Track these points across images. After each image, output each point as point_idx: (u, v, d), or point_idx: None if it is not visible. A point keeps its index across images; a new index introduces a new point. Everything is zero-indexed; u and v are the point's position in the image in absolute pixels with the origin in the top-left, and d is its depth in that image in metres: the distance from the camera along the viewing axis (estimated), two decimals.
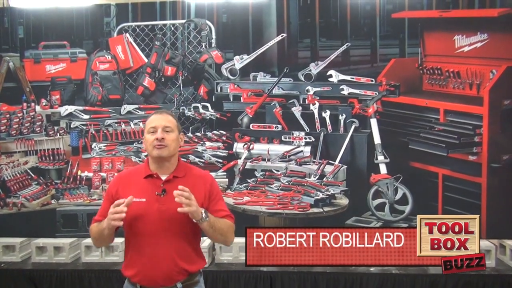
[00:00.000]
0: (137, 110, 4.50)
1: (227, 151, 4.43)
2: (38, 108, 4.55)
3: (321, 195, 4.12)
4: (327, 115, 4.30)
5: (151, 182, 2.28)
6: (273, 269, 3.88)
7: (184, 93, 4.53)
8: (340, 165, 4.24)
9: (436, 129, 4.18)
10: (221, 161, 4.43)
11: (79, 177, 4.51)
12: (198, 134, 4.47)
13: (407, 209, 4.14)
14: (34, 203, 4.44)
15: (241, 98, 4.44)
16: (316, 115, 4.31)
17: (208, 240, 3.98)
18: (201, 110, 4.45)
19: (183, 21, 4.47)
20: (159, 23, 4.50)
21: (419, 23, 4.26)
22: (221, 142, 4.45)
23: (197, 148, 4.42)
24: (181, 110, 4.46)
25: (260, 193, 4.26)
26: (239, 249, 4.03)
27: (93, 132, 4.49)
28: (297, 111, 4.35)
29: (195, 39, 4.48)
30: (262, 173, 4.37)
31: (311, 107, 4.31)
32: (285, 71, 4.34)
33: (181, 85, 4.52)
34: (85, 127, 4.49)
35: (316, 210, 4.10)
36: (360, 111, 4.25)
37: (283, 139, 4.38)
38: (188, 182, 2.23)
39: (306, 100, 4.34)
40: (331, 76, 4.30)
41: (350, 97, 4.28)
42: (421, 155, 4.19)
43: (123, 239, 2.35)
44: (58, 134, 4.54)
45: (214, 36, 4.46)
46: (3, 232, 4.36)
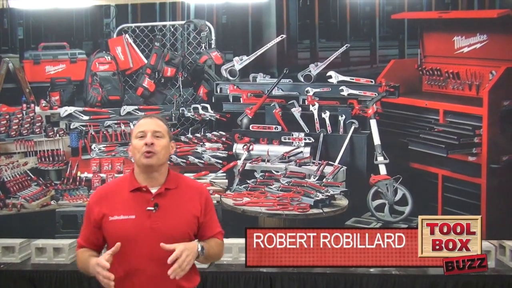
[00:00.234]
0: (137, 111, 4.49)
1: (226, 152, 4.43)
2: (37, 109, 4.54)
3: (320, 196, 4.12)
4: (326, 116, 4.30)
5: (140, 196, 2.02)
6: (272, 270, 3.88)
7: (183, 94, 4.53)
8: (340, 166, 4.24)
9: (436, 130, 4.18)
10: (220, 162, 4.43)
11: (78, 178, 4.50)
12: (198, 135, 4.47)
13: (407, 210, 4.14)
14: (33, 204, 4.43)
15: (241, 99, 4.44)
16: (316, 116, 4.31)
17: None
18: (201, 111, 4.45)
19: (183, 22, 4.48)
20: (159, 24, 4.50)
21: (418, 24, 4.27)
22: (221, 143, 4.44)
23: (197, 149, 4.42)
24: (180, 111, 4.47)
25: (260, 194, 4.26)
26: (238, 250, 4.02)
27: (92, 133, 4.49)
28: (296, 112, 4.35)
29: (194, 40, 4.49)
30: (261, 174, 4.37)
31: (311, 108, 4.31)
32: (284, 72, 4.34)
33: (181, 86, 4.52)
34: (84, 128, 4.49)
35: (315, 211, 4.10)
36: (359, 112, 4.25)
37: (282, 140, 4.37)
38: (182, 194, 2.07)
39: (306, 101, 4.34)
40: (330, 77, 4.30)
41: (349, 98, 4.28)
42: (420, 156, 4.20)
43: None
44: (58, 135, 4.54)
45: (213, 37, 4.46)
46: (2, 233, 4.34)
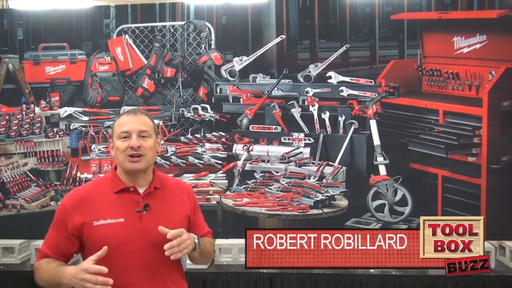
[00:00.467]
0: None
1: (226, 152, 4.42)
2: (37, 109, 4.54)
3: (320, 197, 4.12)
4: (326, 116, 4.30)
5: (127, 197, 1.85)
6: (272, 270, 3.87)
7: (183, 95, 4.52)
8: (340, 166, 4.24)
9: (436, 130, 4.18)
10: (220, 162, 4.43)
11: (78, 178, 4.49)
12: (198, 135, 4.46)
13: (407, 210, 4.14)
14: (33, 204, 4.43)
15: (241, 99, 4.44)
16: (316, 117, 4.31)
17: None
18: (201, 112, 4.45)
19: (183, 22, 4.48)
20: (159, 24, 4.50)
21: (418, 25, 4.27)
22: (221, 144, 4.44)
23: (197, 150, 4.42)
24: (180, 112, 4.46)
25: (260, 194, 4.26)
26: (238, 251, 4.02)
27: (92, 134, 4.48)
28: (296, 112, 4.35)
29: (194, 40, 4.49)
30: (261, 174, 4.36)
31: (311, 108, 4.31)
32: (284, 72, 4.34)
33: (181, 86, 4.52)
34: (84, 129, 4.49)
35: (315, 211, 4.10)
36: (359, 112, 4.25)
37: (282, 140, 4.37)
38: (170, 194, 1.92)
39: (306, 101, 4.34)
40: (330, 77, 4.30)
41: (349, 98, 4.28)
42: (420, 157, 4.20)
43: None
44: (58, 136, 4.54)
45: (213, 37, 4.46)
46: (2, 234, 4.33)
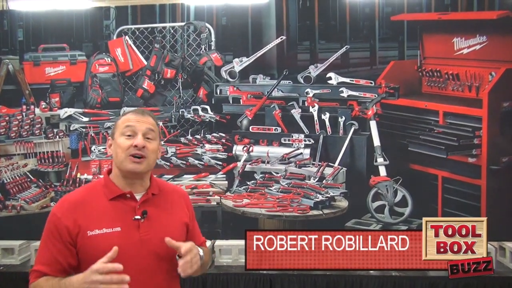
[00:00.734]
0: None
1: (226, 153, 4.42)
2: (37, 110, 4.54)
3: (320, 197, 4.11)
4: (326, 117, 4.30)
5: (123, 204, 1.74)
6: (272, 271, 3.87)
7: (183, 96, 4.52)
8: (340, 167, 4.23)
9: (436, 131, 4.18)
10: (220, 163, 4.42)
11: (78, 179, 4.49)
12: (198, 136, 4.46)
13: (407, 211, 4.14)
14: (33, 205, 4.42)
15: (241, 100, 4.44)
16: (316, 118, 4.31)
17: (209, 241, 3.97)
18: (201, 113, 4.45)
19: (183, 23, 4.48)
20: (159, 25, 4.50)
21: (418, 26, 4.26)
22: (221, 145, 4.44)
23: (197, 151, 4.42)
24: (180, 113, 4.46)
25: (260, 195, 4.26)
26: (238, 252, 4.02)
27: (92, 135, 4.48)
28: (296, 113, 4.35)
29: (194, 41, 4.48)
30: (261, 175, 4.36)
31: (311, 109, 4.31)
32: (284, 73, 4.34)
33: (181, 87, 4.52)
34: (84, 130, 4.48)
35: (315, 212, 4.09)
36: (359, 113, 4.25)
37: (282, 141, 4.37)
38: (167, 200, 1.83)
39: (306, 102, 4.33)
40: (330, 78, 4.30)
41: (349, 99, 4.28)
42: (420, 157, 4.19)
43: None
44: (58, 137, 4.54)
45: (213, 38, 4.46)
46: (2, 235, 4.33)
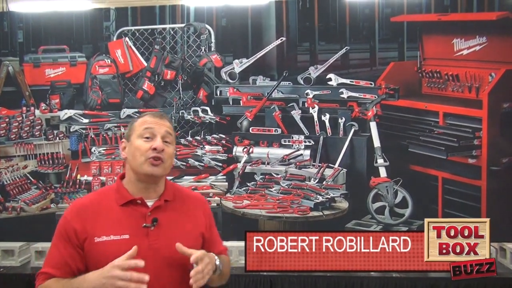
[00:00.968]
0: (137, 114, 4.48)
1: (226, 154, 4.42)
2: (37, 112, 4.54)
3: (320, 199, 4.11)
4: (326, 118, 4.30)
5: (133, 210, 1.69)
6: (273, 273, 3.87)
7: (183, 97, 4.52)
8: (340, 168, 4.23)
9: (436, 132, 4.18)
10: (220, 164, 4.42)
11: (78, 181, 4.49)
12: (198, 137, 4.46)
13: (407, 212, 4.13)
14: (33, 207, 4.42)
15: (241, 101, 4.44)
16: (316, 119, 4.31)
17: None
18: (201, 114, 4.45)
19: (183, 25, 4.48)
20: (159, 27, 4.50)
21: (418, 27, 4.27)
22: (221, 146, 4.44)
23: (197, 152, 4.42)
24: (180, 114, 4.47)
25: (260, 196, 4.25)
26: (238, 253, 4.02)
27: (92, 136, 4.48)
28: (296, 114, 4.35)
29: (194, 43, 4.49)
30: (261, 176, 4.36)
31: (311, 110, 4.31)
32: (284, 74, 4.34)
33: (181, 89, 4.52)
34: (84, 131, 4.49)
35: (316, 213, 4.09)
36: (359, 114, 4.25)
37: (282, 142, 4.37)
38: (182, 207, 1.77)
39: (306, 103, 4.34)
40: (330, 79, 4.30)
41: (349, 100, 4.29)
42: (420, 158, 4.19)
43: None
44: (58, 138, 4.54)
45: (213, 40, 4.46)
46: (2, 237, 4.33)
